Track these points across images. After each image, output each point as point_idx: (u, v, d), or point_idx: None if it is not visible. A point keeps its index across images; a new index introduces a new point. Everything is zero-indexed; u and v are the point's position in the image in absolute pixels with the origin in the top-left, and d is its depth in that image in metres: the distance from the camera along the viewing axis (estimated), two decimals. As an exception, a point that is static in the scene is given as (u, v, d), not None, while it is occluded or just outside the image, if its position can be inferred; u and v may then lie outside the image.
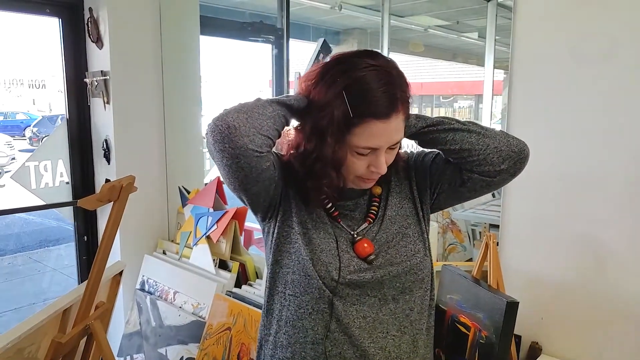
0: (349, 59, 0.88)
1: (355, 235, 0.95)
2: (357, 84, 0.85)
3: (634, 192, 1.32)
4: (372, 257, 0.92)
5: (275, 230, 0.97)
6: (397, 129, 0.88)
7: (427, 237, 1.00)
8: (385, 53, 3.93)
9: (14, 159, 8.19)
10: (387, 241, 0.95)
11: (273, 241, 0.97)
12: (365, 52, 0.89)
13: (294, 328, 0.94)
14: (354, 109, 0.84)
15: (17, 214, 5.35)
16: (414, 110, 0.96)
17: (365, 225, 0.96)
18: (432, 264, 1.00)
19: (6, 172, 6.85)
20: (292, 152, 0.95)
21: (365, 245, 0.93)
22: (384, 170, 0.89)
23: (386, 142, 0.88)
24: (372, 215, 0.97)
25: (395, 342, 0.93)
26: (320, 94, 0.87)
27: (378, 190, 0.98)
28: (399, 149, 0.97)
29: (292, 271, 0.94)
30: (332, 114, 0.85)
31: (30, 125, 10.76)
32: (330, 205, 0.96)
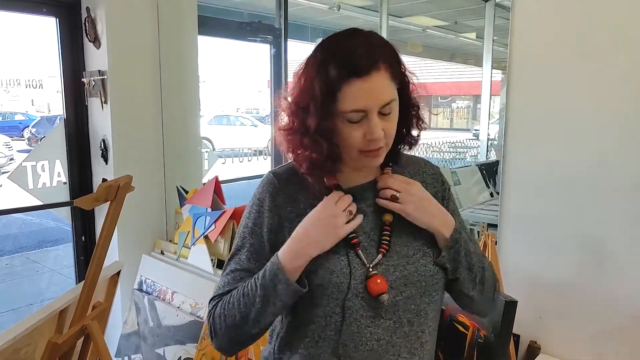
0: (330, 36, 0.88)
1: (370, 269, 0.88)
2: (336, 49, 0.85)
3: (632, 191, 1.32)
4: (384, 296, 0.86)
5: None
6: (383, 88, 0.84)
7: None
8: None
9: (12, 159, 8.19)
10: (406, 255, 0.90)
11: None
12: (348, 29, 0.89)
13: (301, 357, 0.91)
14: (333, 73, 0.83)
15: (15, 215, 5.34)
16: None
17: (379, 257, 0.89)
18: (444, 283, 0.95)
19: (4, 172, 6.84)
20: (289, 138, 0.91)
21: (379, 281, 0.86)
22: (377, 134, 0.84)
23: (373, 101, 0.84)
24: (384, 245, 0.90)
25: None
26: (304, 75, 0.87)
27: (389, 217, 0.92)
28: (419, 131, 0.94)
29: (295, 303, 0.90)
30: (315, 87, 0.84)
31: (28, 126, 10.76)
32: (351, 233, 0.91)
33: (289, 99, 0.90)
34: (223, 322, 0.89)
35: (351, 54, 0.83)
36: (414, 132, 0.95)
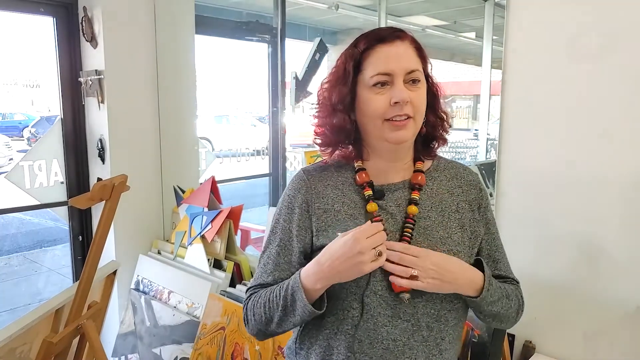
0: None
1: None
2: (367, 32, 0.92)
3: (627, 191, 1.31)
4: (406, 295, 0.86)
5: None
6: (408, 55, 0.89)
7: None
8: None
9: (11, 159, 8.19)
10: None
11: None
12: None
13: (320, 347, 0.93)
14: (360, 46, 0.90)
15: (13, 214, 5.34)
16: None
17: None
18: None
19: (3, 172, 6.84)
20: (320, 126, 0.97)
21: None
22: (403, 96, 0.85)
23: (397, 64, 0.87)
24: (406, 237, 0.90)
25: None
26: (337, 60, 0.94)
27: (414, 209, 0.92)
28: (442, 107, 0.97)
29: None
30: (343, 62, 0.91)
31: (28, 126, 10.76)
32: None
33: (324, 83, 0.96)
34: (252, 317, 0.96)
35: (379, 30, 0.91)
36: (443, 134, 0.98)
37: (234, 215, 2.07)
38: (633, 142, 1.30)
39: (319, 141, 0.97)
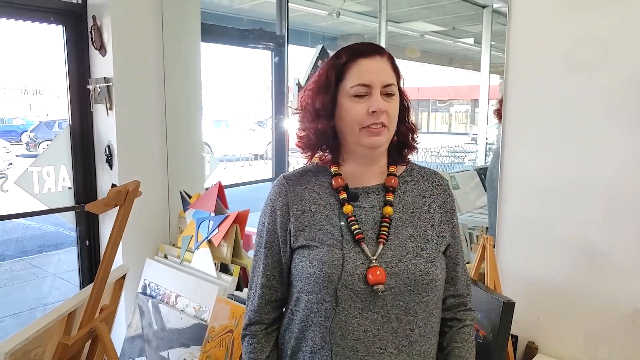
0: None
1: (374, 260, 0.94)
2: (349, 46, 0.99)
3: (627, 195, 1.36)
4: (380, 287, 0.92)
5: (289, 259, 1.04)
6: (385, 70, 0.97)
7: (444, 268, 1.00)
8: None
9: (11, 164, 8.20)
10: (400, 254, 0.96)
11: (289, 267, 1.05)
12: None
13: (297, 339, 1.00)
14: (343, 58, 0.97)
15: (16, 220, 5.35)
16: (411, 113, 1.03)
17: (380, 247, 0.96)
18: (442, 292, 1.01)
19: (1, 177, 6.83)
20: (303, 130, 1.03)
21: (378, 272, 0.92)
22: (379, 105, 0.94)
23: (376, 77, 0.95)
24: (383, 235, 0.96)
25: (390, 359, 0.95)
26: (321, 69, 1.00)
27: (390, 210, 0.99)
28: (407, 115, 1.04)
29: (297, 290, 1.00)
30: (326, 72, 0.98)
31: (27, 131, 10.77)
32: (355, 225, 0.97)
33: (307, 89, 1.02)
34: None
35: (360, 45, 0.99)
36: (413, 143, 1.06)
37: (241, 220, 2.10)
38: (633, 148, 1.34)
39: (301, 144, 1.04)
